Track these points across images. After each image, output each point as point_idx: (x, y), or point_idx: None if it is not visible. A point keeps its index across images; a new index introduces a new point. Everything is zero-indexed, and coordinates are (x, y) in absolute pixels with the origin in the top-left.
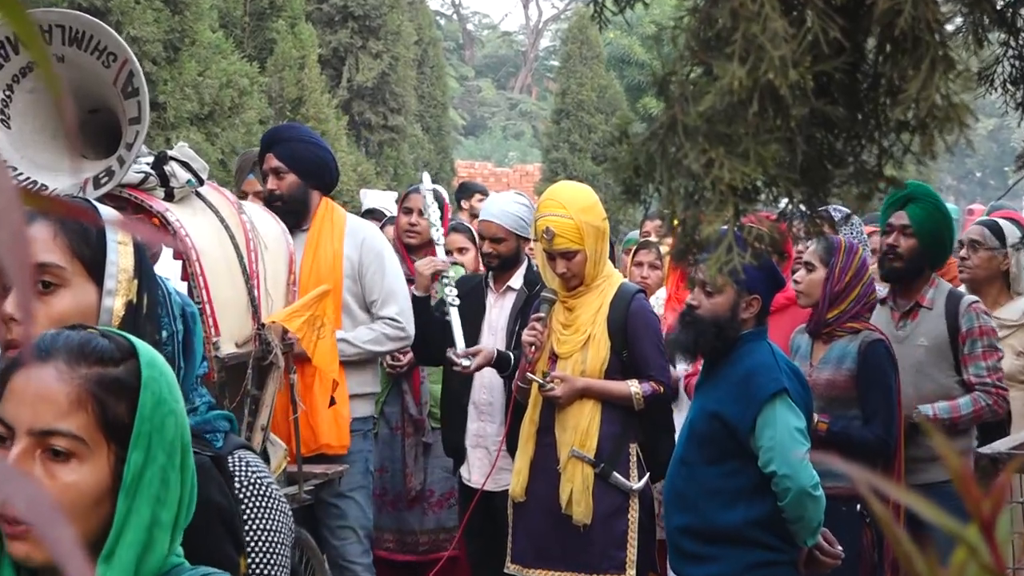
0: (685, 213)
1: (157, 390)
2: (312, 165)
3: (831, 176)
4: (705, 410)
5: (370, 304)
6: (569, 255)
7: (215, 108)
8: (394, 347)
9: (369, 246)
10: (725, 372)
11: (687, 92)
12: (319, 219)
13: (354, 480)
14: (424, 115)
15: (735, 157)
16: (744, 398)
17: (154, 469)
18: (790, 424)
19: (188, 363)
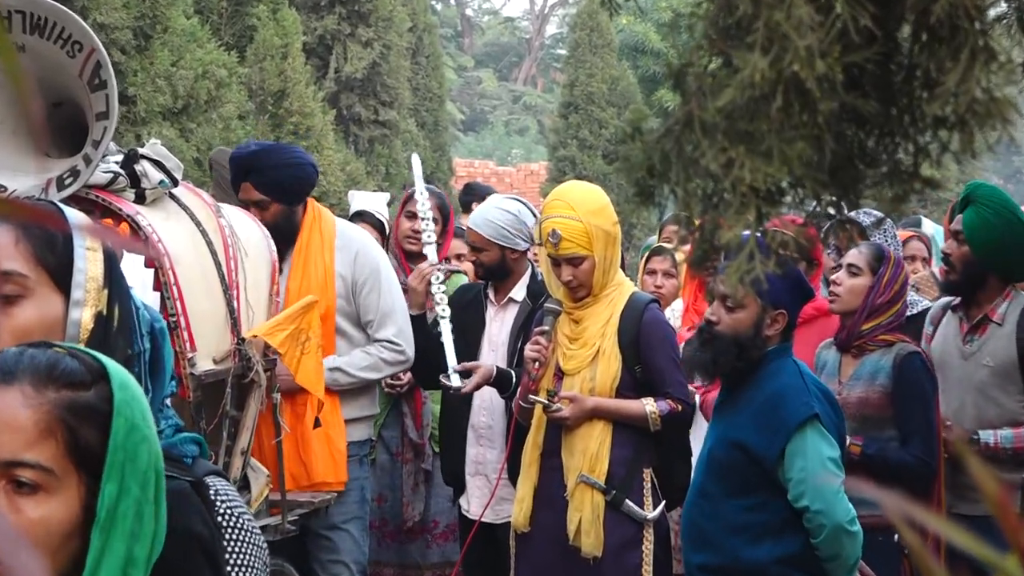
0: (703, 217)
1: (130, 415)
2: (296, 189)
3: (863, 176)
4: (726, 438)
5: (366, 324)
6: (576, 261)
7: (190, 101)
8: (392, 372)
9: (363, 262)
10: (748, 395)
11: (705, 85)
12: (307, 230)
13: (348, 510)
14: (419, 109)
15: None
16: (771, 425)
17: (128, 502)
18: (823, 454)
19: (156, 384)
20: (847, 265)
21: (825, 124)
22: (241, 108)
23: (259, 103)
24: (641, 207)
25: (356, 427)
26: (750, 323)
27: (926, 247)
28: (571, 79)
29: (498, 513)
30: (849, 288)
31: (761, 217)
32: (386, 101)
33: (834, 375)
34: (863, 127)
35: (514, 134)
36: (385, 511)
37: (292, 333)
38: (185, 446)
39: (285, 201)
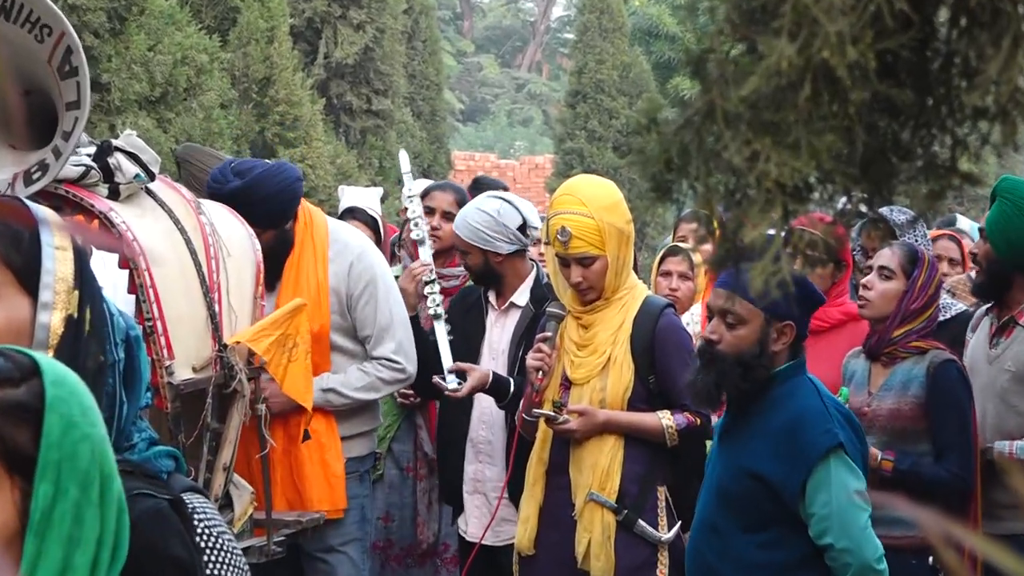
0: (725, 214)
1: (66, 412)
2: (287, 211)
3: (896, 171)
4: (739, 467)
5: (363, 339)
6: (587, 261)
7: (168, 89)
8: (392, 390)
9: (359, 272)
10: (761, 420)
11: (727, 73)
12: (299, 240)
13: (347, 531)
14: (415, 98)
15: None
16: (791, 454)
17: (66, 504)
18: (848, 487)
19: (131, 396)
20: (878, 268)
21: (856, 115)
22: (223, 96)
23: (243, 91)
24: (657, 204)
25: (356, 442)
26: (754, 339)
27: (958, 247)
28: (579, 65)
29: (499, 535)
30: (881, 293)
31: (788, 214)
32: (379, 89)
33: (863, 385)
34: (897, 118)
35: (517, 125)
36: (392, 531)
37: (278, 339)
38: (160, 460)
39: (277, 226)
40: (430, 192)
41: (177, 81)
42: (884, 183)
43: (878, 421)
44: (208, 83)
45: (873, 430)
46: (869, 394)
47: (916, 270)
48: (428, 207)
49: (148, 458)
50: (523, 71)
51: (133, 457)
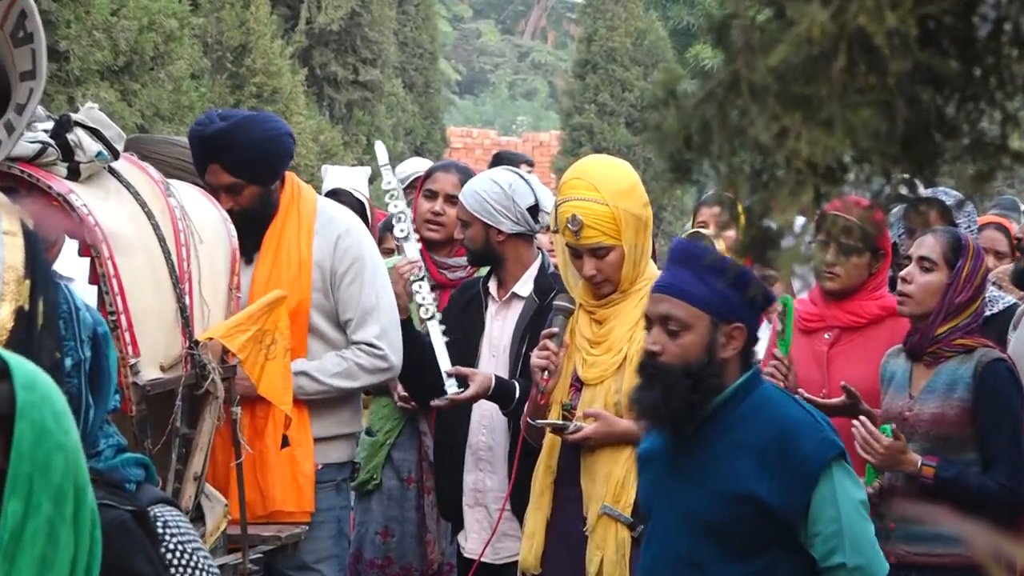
0: (751, 197)
1: (38, 419)
2: (274, 166)
3: (940, 150)
4: (720, 491)
5: (344, 324)
6: (601, 252)
7: (133, 58)
8: (371, 381)
9: (345, 249)
10: (734, 437)
11: (753, 41)
12: (283, 209)
13: (321, 547)
14: (407, 68)
15: (816, 125)
16: (787, 470)
17: (38, 522)
18: (854, 498)
19: (98, 398)
20: (918, 259)
21: (896, 88)
22: (194, 66)
23: (216, 60)
24: (675, 186)
25: (334, 446)
26: (701, 346)
27: (1006, 237)
28: (588, 32)
29: (500, 552)
30: (923, 287)
31: (820, 198)
32: (367, 58)
33: (904, 388)
34: (941, 91)
35: (520, 98)
36: (391, 548)
37: (255, 335)
38: (128, 469)
39: (262, 181)
40: (433, 173)
41: (143, 49)
42: (927, 163)
43: (920, 427)
44: (177, 51)
45: (915, 437)
46: (910, 397)
47: (960, 259)
48: (430, 190)
49: (115, 466)
50: (526, 38)
51: (99, 465)
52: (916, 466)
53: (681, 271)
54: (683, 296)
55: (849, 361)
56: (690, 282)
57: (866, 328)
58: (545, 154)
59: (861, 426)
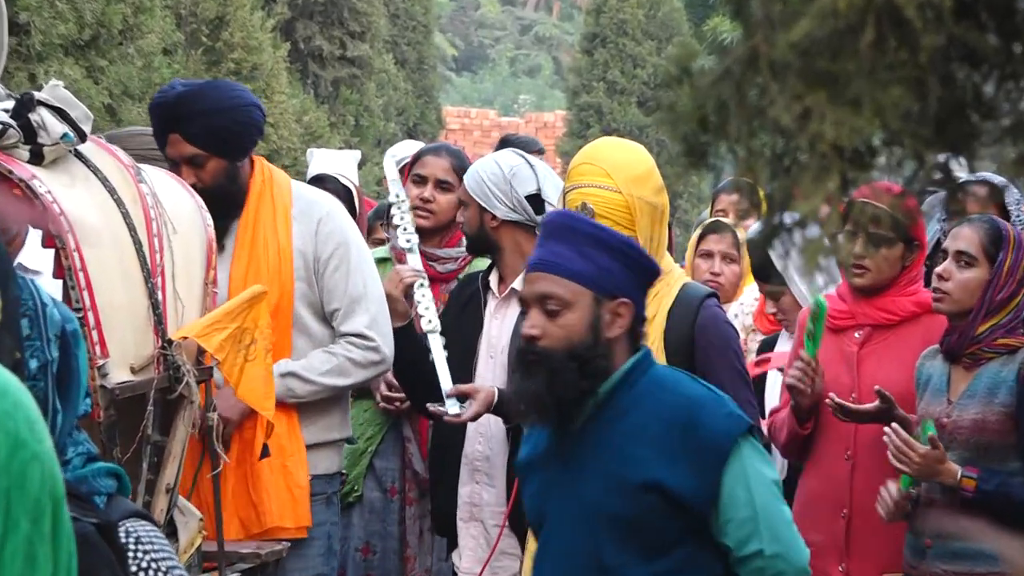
0: (772, 184)
1: (13, 429)
2: (240, 138)
3: (977, 131)
4: (621, 482)
5: (330, 315)
6: None
7: (100, 32)
8: (365, 376)
9: (327, 233)
10: (628, 422)
11: (773, 14)
12: (255, 196)
13: (310, 565)
14: (398, 42)
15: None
16: (692, 452)
17: (16, 541)
18: (767, 477)
19: (66, 403)
20: (955, 253)
21: (929, 64)
22: (166, 40)
23: (190, 34)
24: (690, 171)
25: (323, 455)
26: (585, 326)
27: None
28: (597, 3)
29: (497, 572)
30: (961, 284)
31: (846, 184)
32: (355, 31)
33: (942, 392)
34: (978, 68)
35: (522, 75)
36: (373, 566)
37: (233, 334)
38: (99, 480)
39: (226, 155)
40: (422, 157)
41: (111, 21)
42: (963, 145)
43: (959, 434)
44: (148, 24)
45: (953, 445)
46: (948, 402)
47: (1001, 252)
48: (419, 175)
49: (85, 477)
50: (528, 10)
51: (67, 475)
52: (955, 477)
53: (557, 245)
54: (561, 271)
55: (881, 362)
56: (568, 256)
57: (899, 326)
58: (550, 136)
59: (894, 433)
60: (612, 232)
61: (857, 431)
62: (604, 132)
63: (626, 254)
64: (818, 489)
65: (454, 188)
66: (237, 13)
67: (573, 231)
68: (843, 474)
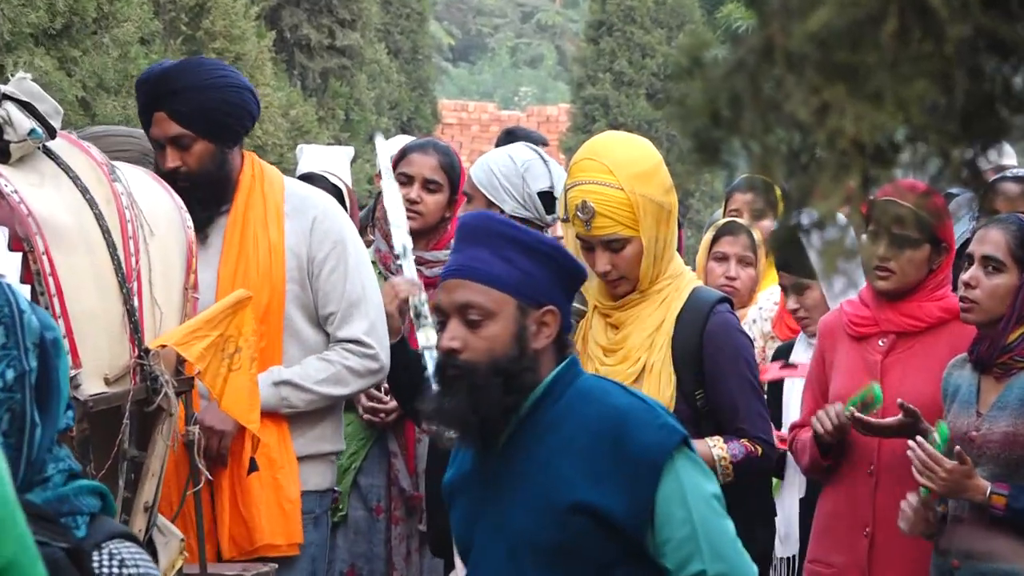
0: (789, 182)
1: None
2: (230, 121)
3: (1006, 126)
4: (547, 505)
5: (324, 319)
6: (616, 245)
7: (73, 20)
8: (363, 385)
9: (323, 232)
10: (553, 439)
11: (791, 2)
12: (244, 191)
13: None
14: (391, 31)
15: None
16: (622, 469)
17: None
18: (705, 491)
19: (46, 416)
20: (981, 258)
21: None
22: (143, 29)
23: (169, 22)
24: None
25: (312, 469)
26: (509, 337)
27: None
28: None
29: None
30: (990, 291)
31: (868, 182)
32: (345, 20)
33: (971, 403)
34: (1007, 59)
35: (523, 66)
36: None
37: (215, 342)
38: (82, 499)
39: (214, 137)
40: (408, 154)
41: (84, 9)
42: (991, 141)
43: (989, 448)
44: (124, 12)
45: (983, 459)
46: (978, 415)
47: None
48: (405, 173)
49: (66, 496)
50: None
51: (47, 493)
52: (984, 494)
53: (476, 250)
54: (482, 278)
55: (907, 372)
56: (488, 261)
57: (925, 333)
58: (553, 131)
59: (918, 447)
60: (535, 234)
61: (880, 446)
62: (611, 126)
63: (551, 257)
64: (840, 507)
65: (443, 188)
66: (219, 1)
67: (493, 234)
68: (866, 491)
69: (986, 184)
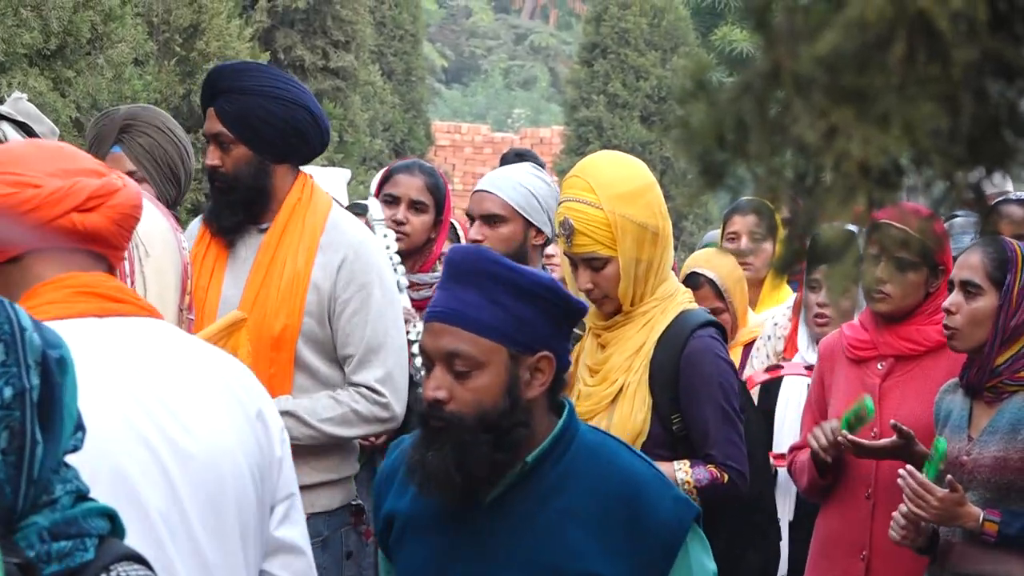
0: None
1: None
2: (274, 134)
3: (1012, 150)
4: (554, 571)
5: (343, 359)
6: (596, 263)
7: (67, 40)
8: (368, 431)
9: (351, 272)
10: (556, 504)
11: (798, 25)
12: (286, 213)
13: None
14: (385, 52)
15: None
16: (639, 542)
17: None
18: (708, 571)
19: (49, 434)
20: (960, 283)
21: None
22: (138, 50)
23: (163, 43)
24: (706, 191)
25: (320, 493)
26: (499, 388)
27: None
28: (597, 11)
29: None
30: (969, 316)
31: (874, 205)
32: (339, 41)
33: (962, 428)
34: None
35: (517, 87)
36: None
37: None
38: (90, 521)
39: (253, 145)
40: (393, 175)
41: (78, 30)
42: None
43: (980, 473)
44: (118, 33)
45: (974, 484)
46: (969, 439)
47: (1008, 275)
48: (390, 194)
49: (75, 518)
50: (524, 18)
51: (56, 515)
52: (977, 521)
53: (465, 291)
54: (470, 325)
55: (905, 395)
56: (478, 306)
57: (924, 357)
58: (546, 153)
59: (909, 476)
60: (530, 275)
61: (878, 469)
62: (604, 148)
63: (547, 299)
64: (837, 530)
65: (428, 208)
66: (213, 21)
67: (484, 274)
68: (863, 514)
69: (989, 207)
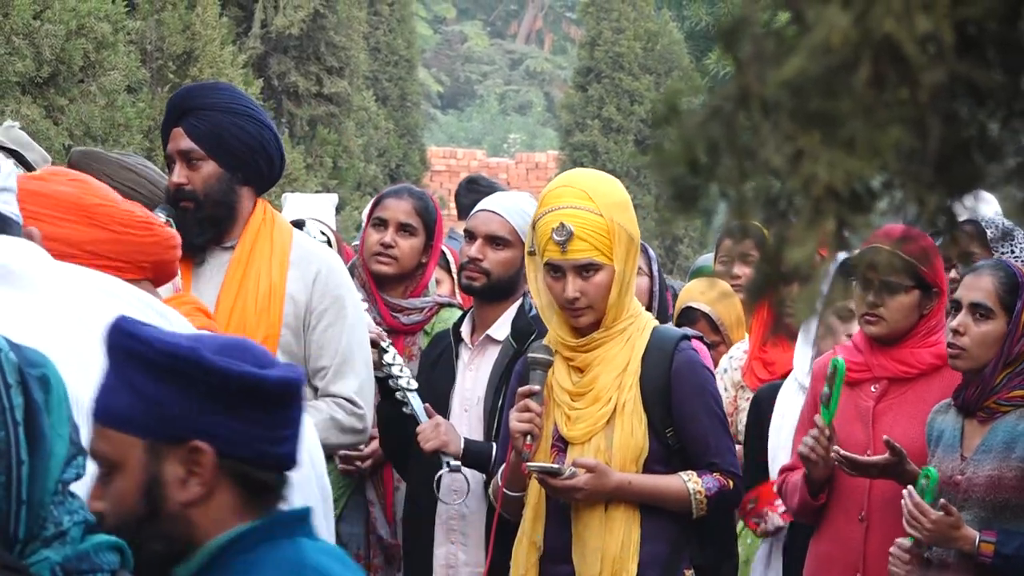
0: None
1: None
2: (243, 151)
3: (982, 173)
4: None
5: (315, 373)
6: (589, 271)
7: (60, 68)
8: (345, 442)
9: (325, 285)
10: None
11: (765, 49)
12: (251, 232)
13: None
14: (379, 78)
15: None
16: None
17: None
18: None
19: (35, 456)
20: (969, 305)
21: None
22: (131, 77)
23: (156, 71)
24: (680, 215)
25: None
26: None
27: None
28: (591, 35)
29: None
30: (979, 339)
31: (843, 227)
32: (333, 67)
33: (955, 447)
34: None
35: (512, 112)
36: None
37: None
38: (102, 555)
39: (223, 161)
40: (383, 200)
41: (71, 58)
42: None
43: (974, 492)
44: (111, 60)
45: (968, 504)
46: (962, 459)
47: (1020, 301)
48: (379, 218)
49: (87, 552)
50: (519, 43)
51: (67, 550)
52: (973, 543)
53: (106, 375)
54: (103, 418)
55: (898, 418)
56: (112, 391)
57: (918, 380)
58: (541, 177)
59: (909, 497)
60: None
61: (871, 490)
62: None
63: (184, 372)
64: (830, 552)
65: (418, 232)
66: (206, 48)
67: (118, 352)
68: (856, 536)
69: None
